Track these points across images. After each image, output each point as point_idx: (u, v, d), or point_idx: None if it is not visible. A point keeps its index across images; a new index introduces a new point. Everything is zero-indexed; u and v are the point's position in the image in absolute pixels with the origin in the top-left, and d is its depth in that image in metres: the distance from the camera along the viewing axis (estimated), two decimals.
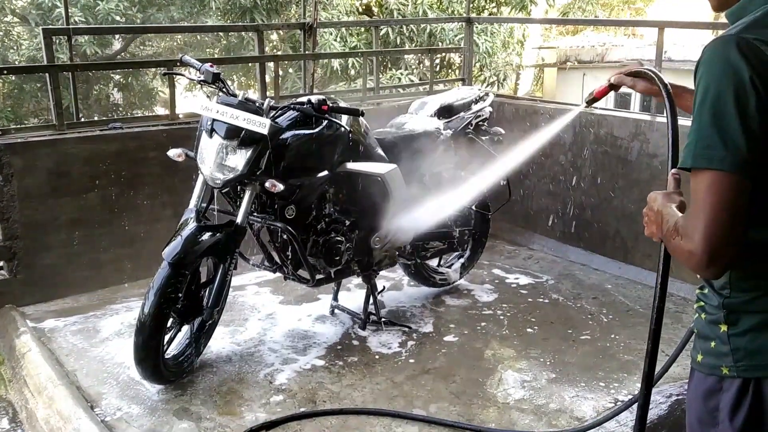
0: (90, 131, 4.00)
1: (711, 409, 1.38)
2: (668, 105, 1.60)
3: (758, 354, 1.31)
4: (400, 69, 10.36)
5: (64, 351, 3.30)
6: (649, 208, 1.42)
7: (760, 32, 1.23)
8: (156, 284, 2.80)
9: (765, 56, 1.20)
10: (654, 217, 1.40)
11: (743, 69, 1.19)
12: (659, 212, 1.38)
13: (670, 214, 1.34)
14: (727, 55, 1.21)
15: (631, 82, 1.85)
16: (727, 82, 1.20)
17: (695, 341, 1.45)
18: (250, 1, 9.84)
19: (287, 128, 3.01)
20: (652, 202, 1.41)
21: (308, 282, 3.33)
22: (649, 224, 1.43)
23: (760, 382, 1.31)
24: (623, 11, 18.57)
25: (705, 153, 1.21)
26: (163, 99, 11.12)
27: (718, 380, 1.36)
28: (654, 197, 1.42)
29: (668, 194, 1.40)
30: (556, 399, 2.99)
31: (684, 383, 2.98)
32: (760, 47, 1.20)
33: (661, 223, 1.36)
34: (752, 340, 1.31)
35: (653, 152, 4.15)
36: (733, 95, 1.19)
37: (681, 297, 3.92)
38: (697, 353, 1.43)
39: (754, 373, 1.31)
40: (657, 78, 1.71)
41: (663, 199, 1.39)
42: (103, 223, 3.92)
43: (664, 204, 1.37)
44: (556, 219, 4.81)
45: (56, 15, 8.97)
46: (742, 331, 1.33)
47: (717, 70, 1.22)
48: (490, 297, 4.04)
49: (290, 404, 2.90)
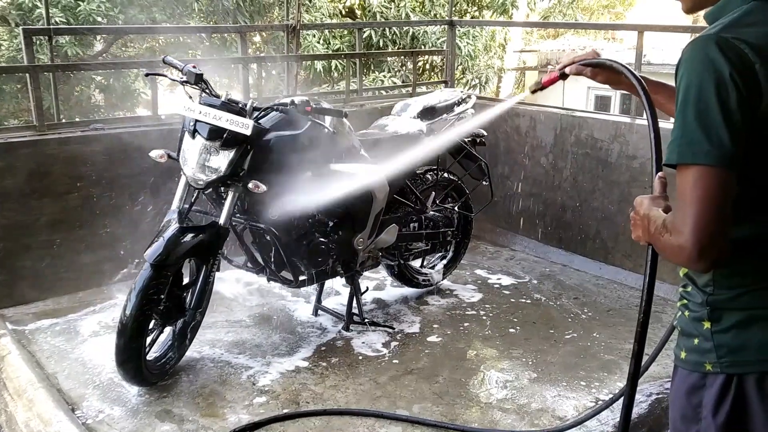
0: (71, 132, 3.97)
1: (694, 405, 1.39)
2: (646, 102, 1.57)
3: (741, 350, 1.33)
4: (383, 71, 10.39)
5: (45, 353, 3.27)
6: (636, 212, 1.43)
7: (738, 31, 1.25)
8: (138, 285, 2.78)
9: (744, 54, 1.22)
10: (640, 221, 1.41)
11: (723, 66, 1.21)
12: (645, 215, 1.38)
13: (656, 215, 1.36)
14: (707, 52, 1.23)
15: (591, 72, 1.82)
16: (709, 78, 1.22)
17: (678, 338, 1.47)
18: (233, 3, 9.81)
19: (270, 129, 3.01)
20: (639, 206, 1.42)
21: (291, 283, 3.34)
22: (635, 228, 1.44)
23: (742, 379, 1.33)
24: (603, 15, 18.73)
25: (689, 148, 1.23)
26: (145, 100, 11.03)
27: (702, 377, 1.38)
28: (640, 201, 1.43)
29: (654, 198, 1.41)
30: (538, 398, 3.01)
31: (664, 382, 3.02)
32: (739, 45, 1.23)
33: (647, 226, 1.37)
34: (735, 337, 1.33)
35: (633, 154, 4.20)
36: (714, 91, 1.21)
37: (661, 297, 3.96)
38: (680, 350, 1.44)
39: (737, 369, 1.33)
40: (629, 72, 1.66)
41: (649, 202, 1.40)
42: (84, 225, 3.89)
43: (650, 207, 1.39)
44: (538, 220, 4.84)
45: (37, 15, 8.88)
46: (726, 327, 1.34)
47: (698, 68, 1.24)
48: (473, 297, 4.06)
49: (273, 405, 2.90)
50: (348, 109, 3.92)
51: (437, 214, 3.94)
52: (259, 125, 2.94)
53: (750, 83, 1.22)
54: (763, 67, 1.23)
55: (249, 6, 10.03)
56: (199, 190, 3.00)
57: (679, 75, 1.28)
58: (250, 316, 3.73)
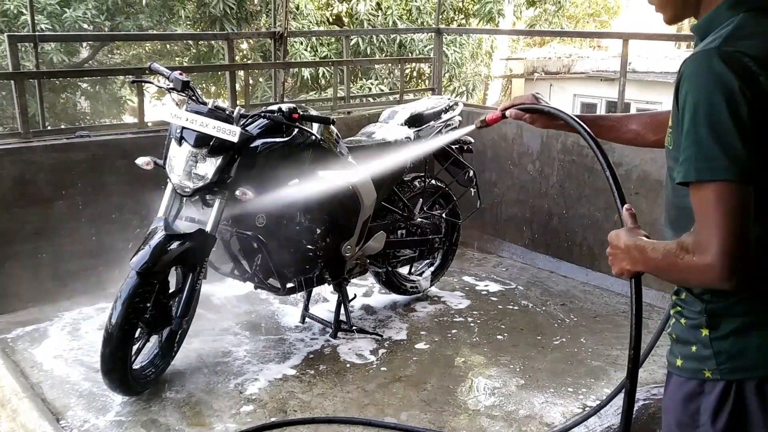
0: (56, 139, 3.94)
1: (692, 413, 1.38)
2: (594, 145, 1.62)
3: (741, 356, 1.33)
4: (370, 79, 10.41)
5: (29, 363, 3.23)
6: (615, 247, 1.42)
7: (738, 44, 1.24)
8: (123, 294, 2.76)
9: (748, 67, 1.22)
10: (623, 254, 1.40)
11: (731, 79, 1.20)
12: (629, 247, 1.38)
13: (651, 242, 1.35)
14: (712, 67, 1.22)
15: (530, 119, 1.86)
16: (718, 93, 1.21)
17: (673, 346, 1.46)
18: (220, 10, 9.80)
19: (258, 136, 3.00)
20: (616, 240, 1.42)
21: (279, 291, 3.32)
22: (617, 261, 1.42)
23: (742, 384, 1.33)
24: (588, 24, 18.90)
25: (707, 165, 1.21)
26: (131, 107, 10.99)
27: (700, 383, 1.37)
28: (617, 235, 1.42)
29: (631, 230, 1.41)
30: (525, 405, 3.02)
31: (651, 388, 3.04)
32: (742, 58, 1.22)
33: (638, 257, 1.36)
34: (734, 343, 1.33)
35: (618, 161, 4.23)
36: (725, 105, 1.20)
37: (647, 303, 3.98)
38: (675, 358, 1.43)
39: (738, 375, 1.33)
40: (570, 118, 1.73)
41: (627, 234, 1.40)
42: (69, 233, 3.86)
43: (633, 238, 1.38)
44: (525, 227, 4.86)
45: (22, 22, 8.82)
46: (724, 334, 1.34)
47: (705, 83, 1.23)
48: (461, 304, 4.07)
49: (260, 414, 2.89)
50: (335, 116, 3.94)
51: (425, 221, 3.95)
52: (246, 132, 2.93)
53: (758, 95, 1.21)
54: (767, 78, 1.22)
55: (236, 13, 10.03)
56: (185, 197, 2.99)
57: (683, 91, 1.26)
58: (237, 323, 3.72)
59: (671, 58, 11.30)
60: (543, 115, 1.84)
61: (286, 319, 3.79)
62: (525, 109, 1.85)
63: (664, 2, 1.43)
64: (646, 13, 1.55)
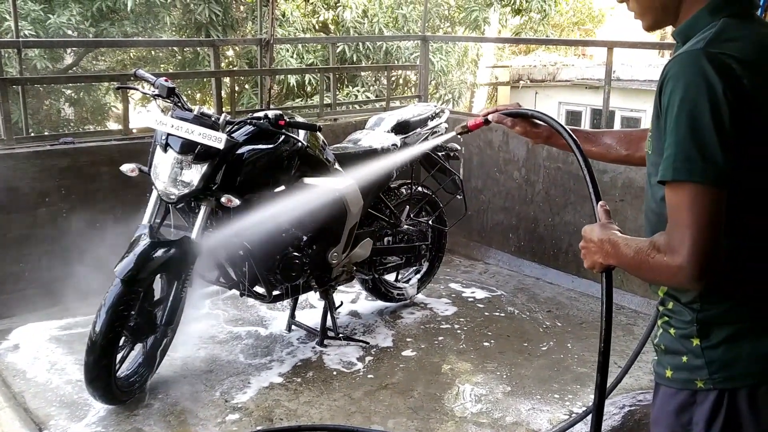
0: (40, 146, 3.91)
1: (684, 424, 1.37)
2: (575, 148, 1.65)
3: (733, 365, 1.32)
4: (356, 86, 10.41)
5: (11, 372, 3.19)
6: (588, 240, 1.43)
7: (722, 46, 1.25)
8: (108, 302, 2.74)
9: (733, 70, 1.23)
10: (596, 248, 1.41)
11: (717, 82, 1.21)
12: (602, 241, 1.39)
13: (625, 238, 1.35)
14: (699, 68, 1.23)
15: (511, 123, 1.90)
16: (703, 95, 1.21)
17: (661, 357, 1.44)
18: (206, 17, 9.78)
19: (243, 143, 2.99)
20: (590, 233, 1.43)
21: (265, 298, 3.31)
22: (589, 255, 1.43)
23: (734, 393, 1.32)
24: (573, 32, 19.06)
25: (685, 166, 1.22)
26: (116, 114, 10.92)
27: (691, 394, 1.36)
28: (591, 229, 1.43)
29: (604, 225, 1.42)
30: (512, 412, 3.02)
31: (636, 394, 3.06)
32: (727, 61, 1.23)
33: (611, 251, 1.37)
34: (726, 352, 1.32)
35: (603, 168, 4.25)
36: (709, 108, 1.20)
37: (632, 309, 4.01)
38: (664, 369, 1.41)
39: (730, 383, 1.32)
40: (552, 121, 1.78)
41: (601, 229, 1.41)
42: (53, 240, 3.82)
43: (606, 232, 1.39)
44: (511, 234, 4.88)
45: (5, 28, 8.75)
46: (716, 343, 1.33)
47: (691, 84, 1.23)
48: (447, 311, 4.07)
49: (246, 423, 2.87)
50: (322, 123, 3.93)
51: (411, 227, 3.95)
52: (232, 139, 2.92)
53: (741, 97, 1.22)
54: (750, 81, 1.23)
55: (222, 20, 10.00)
56: (170, 204, 2.97)
57: (668, 90, 1.26)
58: (223, 331, 3.69)
59: (655, 66, 11.43)
60: (525, 120, 1.88)
61: (273, 325, 3.77)
62: (507, 113, 1.90)
63: (644, 9, 1.44)
64: (630, 21, 1.56)
